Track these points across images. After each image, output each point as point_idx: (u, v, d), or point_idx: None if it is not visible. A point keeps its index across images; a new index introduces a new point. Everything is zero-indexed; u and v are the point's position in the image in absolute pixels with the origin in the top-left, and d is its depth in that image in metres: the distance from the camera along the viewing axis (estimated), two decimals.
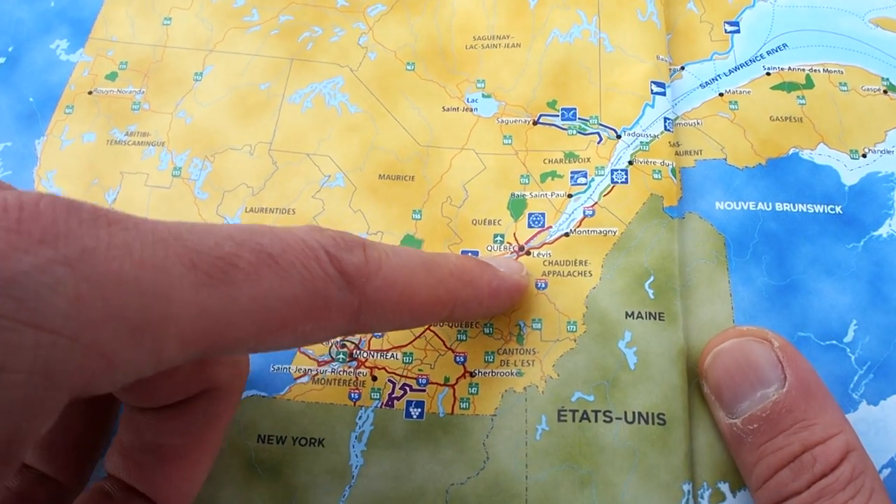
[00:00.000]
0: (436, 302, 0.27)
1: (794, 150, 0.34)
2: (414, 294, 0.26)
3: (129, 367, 0.18)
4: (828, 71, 0.35)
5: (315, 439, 0.30)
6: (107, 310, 0.17)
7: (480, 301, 0.29)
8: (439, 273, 0.27)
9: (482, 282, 0.29)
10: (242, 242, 0.21)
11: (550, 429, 0.30)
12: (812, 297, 0.31)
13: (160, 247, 0.19)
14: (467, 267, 0.29)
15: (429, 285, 0.27)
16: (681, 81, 0.36)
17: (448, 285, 0.27)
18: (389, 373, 0.31)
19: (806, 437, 0.26)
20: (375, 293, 0.25)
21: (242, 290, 0.20)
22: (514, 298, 0.31)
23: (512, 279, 0.30)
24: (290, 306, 0.22)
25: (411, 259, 0.27)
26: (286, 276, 0.22)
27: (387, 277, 0.25)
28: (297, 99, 0.37)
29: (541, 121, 0.35)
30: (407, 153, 0.35)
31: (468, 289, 0.28)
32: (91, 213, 0.18)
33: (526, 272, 0.32)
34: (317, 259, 0.23)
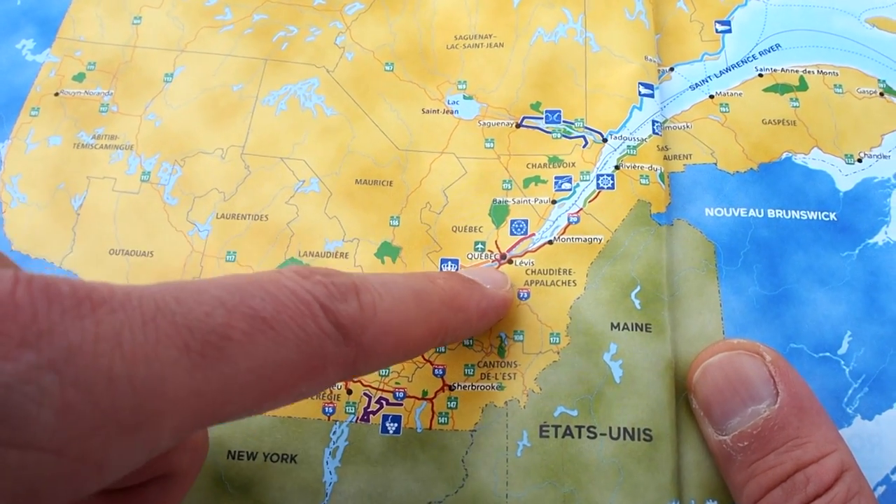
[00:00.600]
0: (428, 335, 0.26)
1: (786, 154, 0.33)
2: (409, 334, 0.25)
3: (121, 466, 0.17)
4: (822, 72, 0.35)
5: (287, 455, 0.29)
6: (97, 416, 0.16)
7: (470, 325, 0.28)
8: (430, 304, 0.26)
9: (471, 305, 0.28)
10: (234, 309, 0.19)
11: (532, 445, 0.29)
12: (805, 308, 0.30)
13: (150, 329, 0.17)
14: (456, 291, 0.27)
15: (421, 320, 0.26)
16: (670, 83, 0.35)
17: (439, 316, 0.26)
18: (365, 386, 0.30)
19: (799, 456, 0.25)
20: (371, 342, 0.23)
21: (238, 365, 0.19)
22: (501, 315, 0.30)
23: (498, 296, 0.30)
24: (287, 371, 0.21)
25: (403, 295, 0.25)
26: (282, 340, 0.20)
27: (382, 323, 0.24)
28: (271, 101, 0.36)
29: (524, 124, 0.35)
30: (385, 157, 0.34)
31: (459, 315, 0.27)
32: (72, 297, 0.16)
33: (510, 285, 0.31)
34: (312, 316, 0.21)
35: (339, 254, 0.33)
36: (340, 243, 0.33)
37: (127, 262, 0.33)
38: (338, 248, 0.33)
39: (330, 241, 0.33)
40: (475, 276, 0.30)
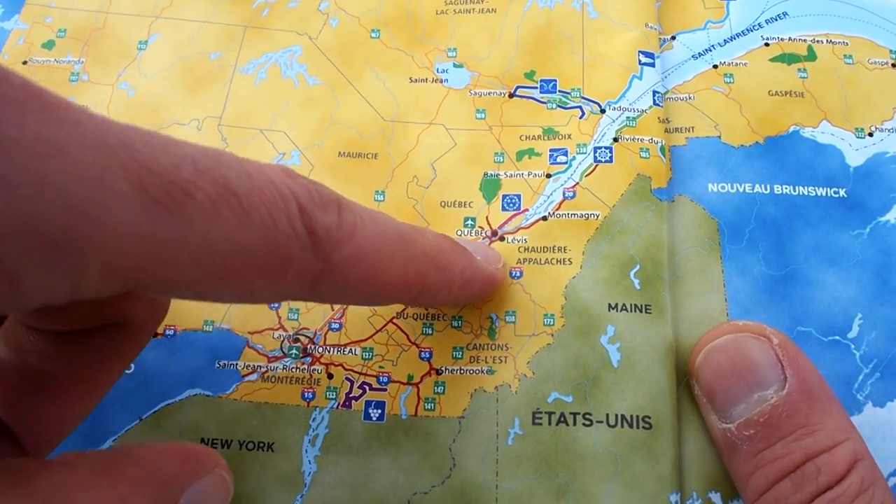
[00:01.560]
0: (403, 283, 0.24)
1: (794, 127, 0.31)
2: (382, 271, 0.23)
3: (36, 291, 0.15)
4: (831, 42, 0.33)
5: (264, 443, 0.27)
6: (17, 219, 0.14)
7: (450, 290, 0.26)
8: (412, 251, 0.24)
9: (455, 269, 0.26)
10: (205, 171, 0.18)
11: (524, 433, 0.27)
12: (813, 289, 0.28)
13: (103, 154, 0.16)
14: (443, 249, 0.26)
15: (399, 264, 0.24)
16: (671, 52, 0.33)
17: (419, 267, 0.24)
18: (347, 370, 0.28)
19: (809, 445, 0.23)
20: (342, 262, 0.22)
21: (193, 228, 0.17)
22: (485, 291, 0.28)
23: (487, 270, 0.28)
24: (245, 258, 0.19)
25: (387, 230, 0.24)
26: (247, 223, 0.18)
27: (358, 247, 0.22)
28: (251, 70, 0.34)
29: (517, 93, 0.32)
30: (370, 129, 0.32)
31: (440, 274, 0.25)
32: (22, 90, 0.15)
33: (503, 264, 0.29)
34: (286, 211, 0.20)
35: None
36: None
37: None
38: None
39: None
40: (467, 245, 0.28)
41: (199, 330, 0.29)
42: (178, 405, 0.28)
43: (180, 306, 0.29)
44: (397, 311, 0.29)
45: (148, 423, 0.28)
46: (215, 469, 0.22)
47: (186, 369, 0.28)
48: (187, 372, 0.28)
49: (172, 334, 0.29)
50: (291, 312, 0.29)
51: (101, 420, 0.28)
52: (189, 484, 0.21)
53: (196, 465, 0.21)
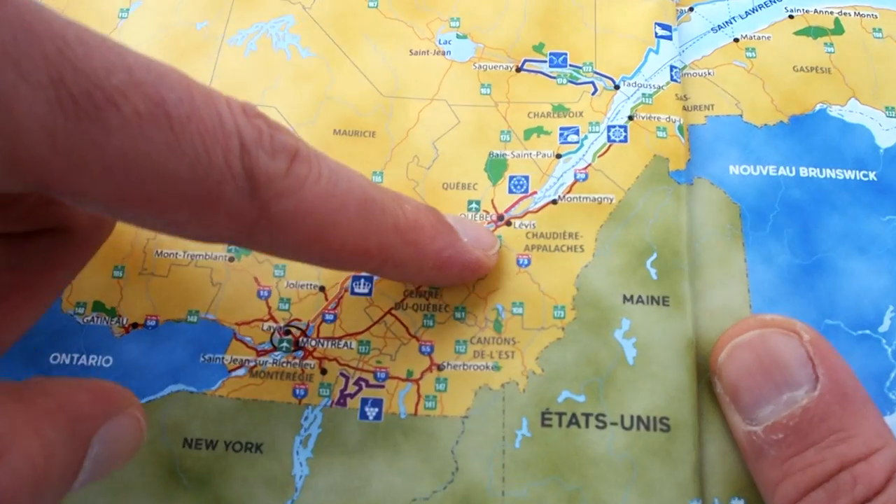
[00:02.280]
0: (360, 252, 0.22)
1: (820, 105, 0.28)
2: (332, 235, 0.21)
3: None
4: (860, 14, 0.30)
5: (252, 444, 0.25)
6: None
7: (421, 267, 0.24)
8: (377, 220, 0.22)
9: (431, 247, 0.24)
10: (140, 84, 0.17)
11: (533, 435, 0.24)
12: (842, 279, 0.26)
13: (26, 38, 0.15)
14: (419, 225, 0.23)
15: (357, 231, 0.22)
16: (689, 24, 0.30)
17: (383, 239, 0.22)
18: (342, 365, 0.26)
19: (844, 452, 0.21)
20: (282, 215, 0.20)
21: (113, 141, 0.16)
22: (467, 277, 0.26)
23: (472, 255, 0.25)
24: (168, 185, 0.18)
25: (348, 192, 0.21)
26: (175, 147, 0.17)
27: (303, 203, 0.20)
28: (240, 41, 0.31)
29: (525, 67, 0.29)
30: (367, 105, 0.29)
31: (408, 249, 0.23)
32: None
33: (496, 250, 0.26)
34: (225, 147, 0.18)
35: None
36: None
37: None
38: None
39: None
40: (456, 224, 0.25)
41: (182, 320, 0.26)
42: (160, 402, 0.25)
43: (162, 295, 0.27)
44: (396, 302, 0.26)
45: None
46: (129, 409, 0.21)
47: (168, 363, 0.26)
48: (169, 366, 0.26)
49: (153, 325, 0.26)
50: (282, 302, 0.26)
51: None
52: (102, 422, 0.20)
53: (109, 404, 0.20)
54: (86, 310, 0.27)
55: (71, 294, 0.27)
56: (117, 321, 0.26)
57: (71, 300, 0.27)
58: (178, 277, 0.27)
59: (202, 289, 0.27)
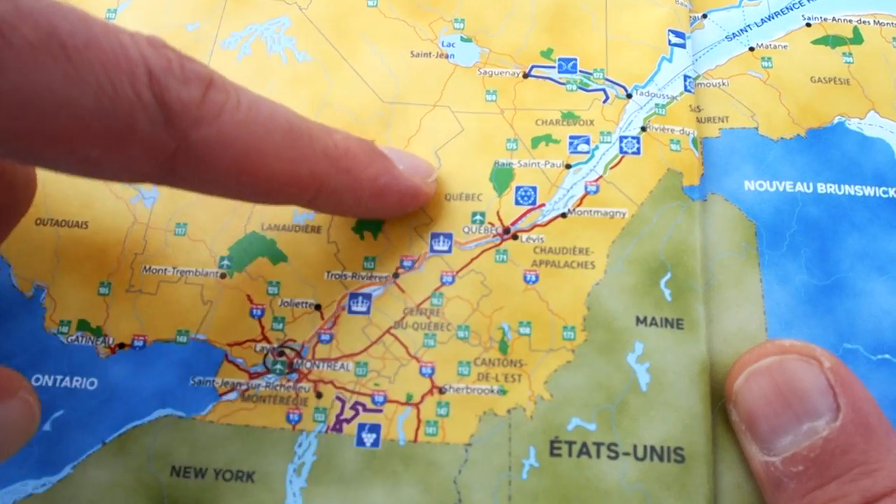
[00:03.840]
0: (291, 181, 0.21)
1: (839, 118, 0.26)
2: (259, 163, 0.20)
3: None
4: (879, 23, 0.28)
5: (243, 473, 0.23)
6: None
7: (358, 197, 0.23)
8: (307, 148, 0.22)
9: (365, 174, 0.23)
10: (29, 13, 0.16)
11: (541, 465, 0.22)
12: (861, 301, 0.24)
13: None
14: (351, 152, 0.22)
15: (285, 158, 0.21)
16: (702, 32, 0.28)
17: (314, 166, 0.22)
18: (338, 388, 0.24)
19: (868, 487, 0.19)
20: (202, 144, 0.19)
21: (6, 75, 0.16)
22: (407, 204, 0.24)
23: (409, 181, 0.24)
24: (73, 118, 0.17)
25: (275, 120, 0.21)
26: (77, 78, 0.16)
27: (224, 130, 0.19)
28: (233, 43, 0.28)
29: (533, 73, 0.27)
30: (367, 112, 0.27)
31: (343, 177, 0.22)
32: None
33: (434, 178, 0.25)
34: (131, 75, 0.17)
35: (309, 227, 0.26)
36: (311, 216, 0.26)
37: (57, 235, 0.26)
38: (308, 220, 0.26)
39: (299, 213, 0.26)
40: (390, 153, 0.24)
41: (171, 341, 0.24)
42: (147, 427, 0.23)
43: (150, 314, 0.25)
44: (395, 321, 0.24)
45: (112, 448, 0.23)
46: (20, 392, 0.20)
47: (156, 386, 0.24)
48: (157, 389, 0.24)
49: (141, 345, 0.24)
50: (276, 322, 0.24)
51: (58, 444, 0.23)
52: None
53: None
54: (70, 329, 0.25)
55: (55, 312, 0.25)
56: (103, 341, 0.24)
57: (55, 318, 0.25)
58: (167, 295, 0.25)
59: (192, 307, 0.25)
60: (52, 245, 0.26)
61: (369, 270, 0.25)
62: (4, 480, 0.23)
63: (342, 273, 0.25)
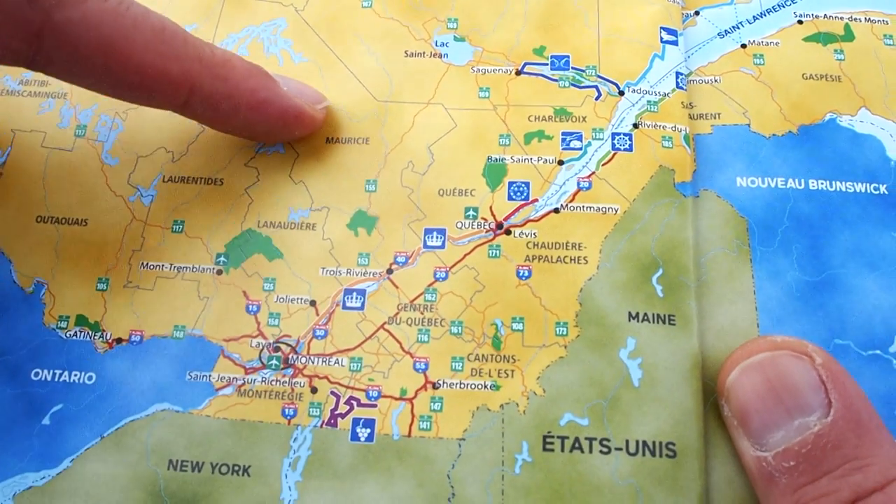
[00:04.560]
0: (161, 77, 0.22)
1: (830, 115, 0.26)
2: (126, 51, 0.21)
3: None
4: (870, 20, 0.27)
5: (239, 466, 0.22)
6: None
7: (236, 106, 0.23)
8: (180, 48, 0.22)
9: (244, 84, 0.23)
10: None
11: (533, 460, 0.22)
12: (852, 297, 0.23)
13: None
14: (230, 63, 0.23)
15: (155, 52, 0.22)
16: (695, 29, 0.27)
17: (187, 66, 0.22)
18: (333, 383, 0.23)
19: (859, 483, 0.19)
20: (66, 24, 0.20)
21: None
22: (290, 124, 0.25)
23: (291, 101, 0.24)
24: None
25: (145, 18, 0.22)
26: None
27: (89, 15, 0.21)
28: (230, 45, 0.28)
29: (525, 70, 0.27)
30: (361, 110, 0.27)
31: (218, 83, 0.23)
32: None
33: (324, 106, 0.25)
34: None
35: (304, 225, 0.25)
36: (307, 213, 0.25)
37: (57, 232, 0.26)
38: (303, 218, 0.25)
39: (294, 210, 0.25)
40: (279, 77, 0.25)
41: (168, 336, 0.24)
42: (144, 422, 0.23)
43: (147, 309, 0.24)
44: (389, 316, 0.24)
45: (109, 442, 0.23)
46: None
47: (153, 381, 0.23)
48: (154, 384, 0.23)
49: (138, 341, 0.24)
50: (272, 318, 0.24)
51: (57, 437, 0.23)
52: None
53: None
54: (69, 324, 0.24)
55: (53, 307, 0.24)
56: (101, 336, 0.24)
57: (53, 314, 0.24)
58: (164, 290, 0.24)
59: (189, 303, 0.24)
60: (52, 242, 0.25)
61: (363, 266, 0.24)
62: (4, 473, 0.23)
63: (336, 269, 0.24)
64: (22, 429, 0.23)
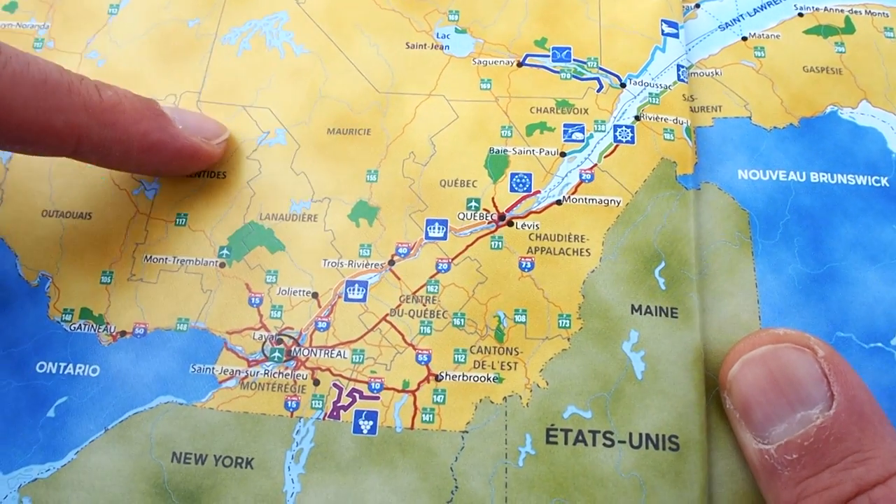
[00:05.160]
0: (45, 131, 0.21)
1: (831, 107, 0.25)
2: (5, 109, 0.20)
3: None
4: (871, 13, 0.26)
5: (242, 459, 0.22)
6: None
7: (126, 150, 0.22)
8: (63, 100, 0.21)
9: (133, 130, 0.22)
10: None
11: (537, 452, 0.21)
12: (854, 289, 0.23)
13: None
14: (120, 108, 0.22)
15: (34, 108, 0.20)
16: (695, 22, 0.27)
17: (72, 118, 0.21)
18: (335, 375, 0.23)
19: (861, 475, 0.18)
20: None
21: None
22: (186, 163, 0.24)
23: (187, 140, 0.23)
24: None
25: (25, 73, 0.20)
26: None
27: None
28: (233, 39, 0.27)
29: (527, 62, 0.26)
30: (362, 102, 0.26)
31: (105, 130, 0.21)
32: None
33: (222, 139, 0.25)
34: None
35: (306, 216, 0.25)
36: (308, 204, 0.25)
37: (62, 226, 0.25)
38: (305, 209, 0.25)
39: (296, 202, 0.25)
40: (173, 113, 0.23)
41: (171, 329, 0.23)
42: (148, 414, 0.22)
43: (151, 302, 0.24)
44: (391, 308, 0.23)
45: (113, 434, 0.22)
46: None
47: (157, 373, 0.23)
48: (158, 376, 0.23)
49: (142, 333, 0.23)
50: (274, 310, 0.23)
51: (62, 430, 0.22)
52: None
53: None
54: (73, 317, 0.24)
55: (58, 300, 0.24)
56: (105, 329, 0.23)
57: (58, 306, 0.24)
58: (167, 283, 0.24)
59: (192, 295, 0.24)
60: (57, 236, 0.25)
61: (365, 258, 0.24)
62: (9, 466, 0.22)
63: (338, 261, 0.24)
64: (27, 421, 0.23)
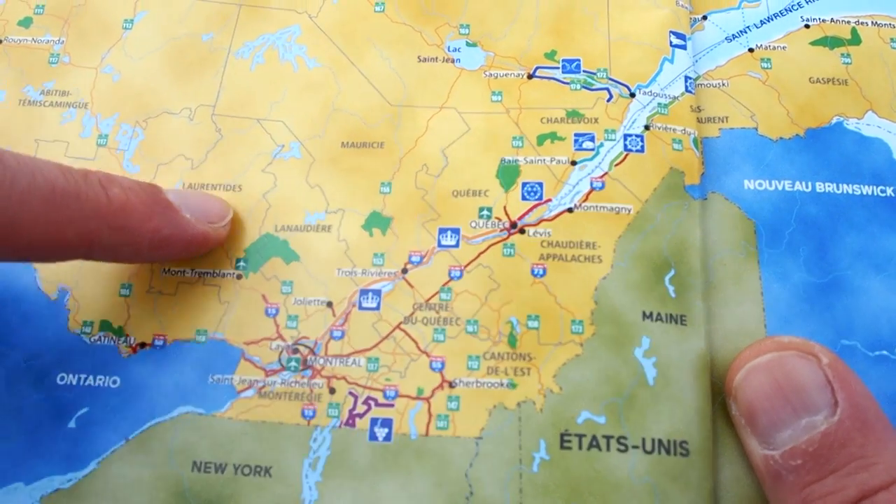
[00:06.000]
0: (56, 245, 0.20)
1: (837, 118, 0.25)
2: (16, 233, 0.19)
3: None
4: (877, 24, 0.27)
5: (261, 467, 0.22)
6: None
7: (137, 250, 0.22)
8: (74, 210, 0.20)
9: (143, 229, 0.22)
10: None
11: (551, 458, 0.22)
12: (859, 298, 0.23)
13: None
14: (129, 206, 0.21)
15: (47, 223, 0.20)
16: (703, 33, 0.27)
17: (82, 227, 0.21)
18: (350, 383, 0.23)
19: (865, 481, 0.19)
20: None
21: None
22: (194, 251, 0.24)
23: (195, 230, 0.23)
24: None
25: (32, 188, 0.20)
26: None
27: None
28: (246, 53, 0.28)
29: (537, 74, 0.27)
30: (375, 115, 0.27)
31: (117, 235, 0.21)
32: None
33: (226, 221, 0.24)
34: None
35: (320, 227, 0.25)
36: (323, 215, 0.25)
37: None
38: (319, 220, 0.25)
39: (311, 214, 0.25)
40: (178, 199, 0.23)
41: (190, 340, 0.24)
42: (168, 424, 0.23)
43: (170, 314, 0.24)
44: (405, 316, 0.24)
45: (135, 444, 0.23)
46: None
47: (176, 384, 0.23)
48: (177, 387, 0.23)
49: (161, 345, 0.24)
50: (290, 320, 0.24)
51: (83, 440, 0.23)
52: None
53: None
54: (93, 329, 0.24)
55: (78, 313, 0.24)
56: (125, 340, 0.24)
57: (78, 319, 0.24)
58: (186, 295, 0.24)
59: (210, 307, 0.24)
60: None
61: (378, 266, 0.25)
62: (31, 476, 0.23)
63: (352, 270, 0.25)
64: (48, 432, 0.23)
